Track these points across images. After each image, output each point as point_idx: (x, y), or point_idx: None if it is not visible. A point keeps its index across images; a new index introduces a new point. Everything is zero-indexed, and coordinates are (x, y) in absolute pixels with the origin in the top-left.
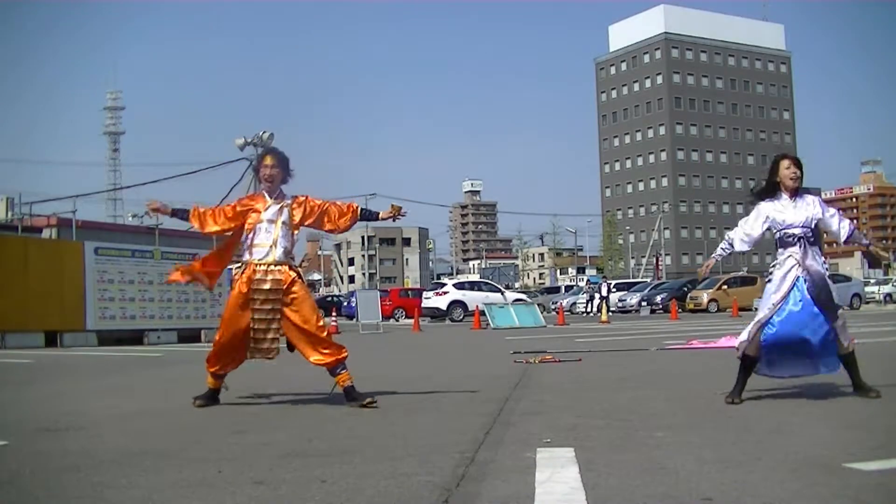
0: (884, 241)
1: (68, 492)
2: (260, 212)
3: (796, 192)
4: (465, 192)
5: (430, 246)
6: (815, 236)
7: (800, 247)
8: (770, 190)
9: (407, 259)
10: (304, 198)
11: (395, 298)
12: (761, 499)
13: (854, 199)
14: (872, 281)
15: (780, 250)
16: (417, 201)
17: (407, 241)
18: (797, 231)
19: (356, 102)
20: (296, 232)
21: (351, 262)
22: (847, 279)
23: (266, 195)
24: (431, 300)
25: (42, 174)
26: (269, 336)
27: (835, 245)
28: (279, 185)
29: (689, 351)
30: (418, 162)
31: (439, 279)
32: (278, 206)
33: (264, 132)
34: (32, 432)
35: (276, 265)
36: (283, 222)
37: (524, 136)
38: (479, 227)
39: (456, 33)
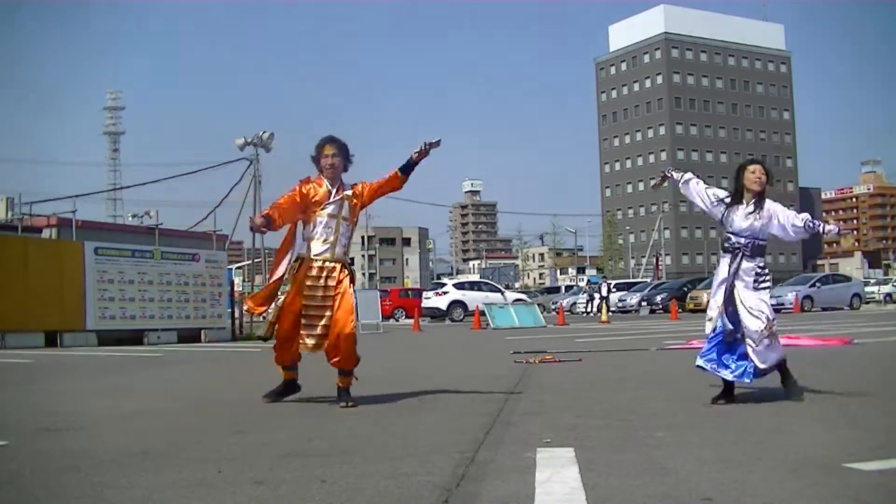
0: (884, 241)
1: (68, 492)
2: (320, 204)
3: (760, 198)
4: (465, 192)
5: (430, 246)
6: (758, 249)
7: (734, 257)
8: (737, 197)
9: (407, 259)
10: (360, 186)
11: (395, 298)
12: (761, 499)
13: (854, 199)
14: (872, 281)
15: (722, 253)
16: (417, 201)
17: (407, 241)
18: (740, 240)
19: (356, 102)
20: (355, 226)
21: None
22: (847, 279)
23: (327, 183)
24: (431, 300)
25: (42, 174)
26: (317, 332)
27: (835, 245)
28: (340, 175)
29: (689, 351)
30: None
31: (439, 279)
32: (339, 198)
33: (264, 132)
34: (32, 432)
35: (332, 262)
36: (345, 217)
37: (524, 136)
38: (479, 227)
39: (455, 33)
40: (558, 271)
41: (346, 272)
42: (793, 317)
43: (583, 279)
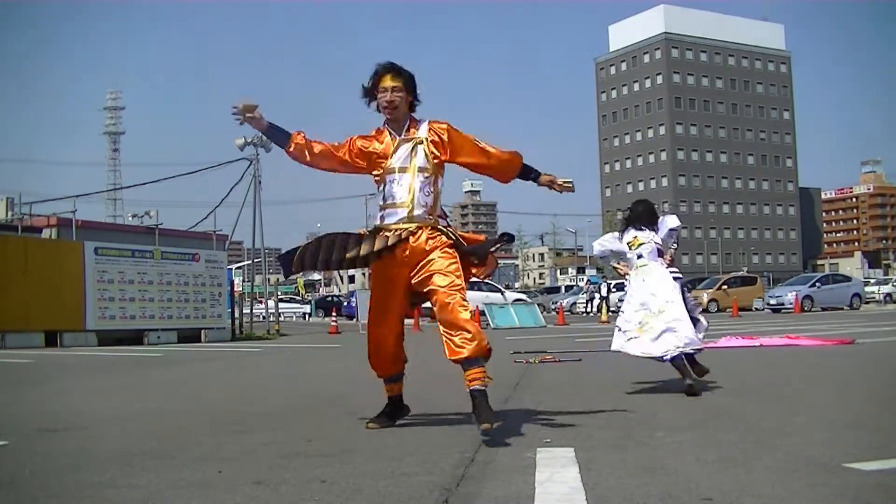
0: (884, 241)
1: (68, 492)
2: (386, 158)
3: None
4: (465, 192)
5: None
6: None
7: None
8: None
9: None
10: (445, 126)
11: None
12: (761, 499)
13: (854, 199)
14: (872, 281)
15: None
16: None
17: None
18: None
19: (355, 102)
20: (440, 178)
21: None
22: (847, 279)
23: (389, 130)
24: None
25: (42, 174)
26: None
27: (835, 245)
28: (406, 115)
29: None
30: None
31: None
32: (410, 145)
33: None
34: (32, 432)
35: (415, 228)
36: (420, 168)
37: (524, 136)
38: (479, 227)
39: (456, 32)
40: (558, 271)
41: (437, 235)
42: (793, 317)
43: (583, 279)
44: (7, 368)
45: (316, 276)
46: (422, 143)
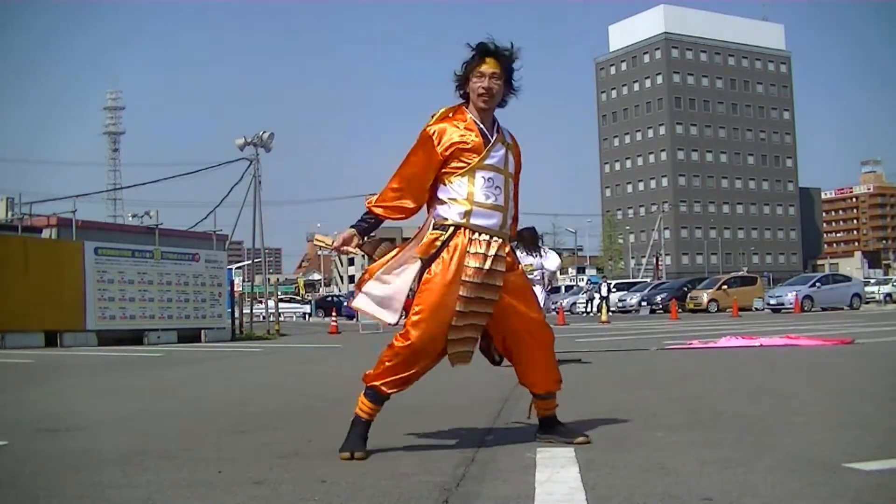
0: (884, 241)
1: (68, 492)
2: (476, 151)
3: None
4: None
5: None
6: None
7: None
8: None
9: None
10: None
11: None
12: (761, 499)
13: (854, 199)
14: (872, 281)
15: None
16: None
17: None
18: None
19: (354, 102)
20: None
21: (351, 262)
22: (847, 279)
23: (476, 120)
24: None
25: (42, 174)
26: (469, 335)
27: (835, 245)
28: (494, 108)
29: (689, 351)
30: None
31: None
32: (503, 146)
33: (264, 132)
34: (32, 432)
35: (501, 238)
36: (511, 174)
37: (524, 136)
38: None
39: (455, 33)
40: (559, 271)
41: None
42: (793, 317)
43: (583, 279)
44: (7, 368)
45: (316, 275)
46: (511, 148)
